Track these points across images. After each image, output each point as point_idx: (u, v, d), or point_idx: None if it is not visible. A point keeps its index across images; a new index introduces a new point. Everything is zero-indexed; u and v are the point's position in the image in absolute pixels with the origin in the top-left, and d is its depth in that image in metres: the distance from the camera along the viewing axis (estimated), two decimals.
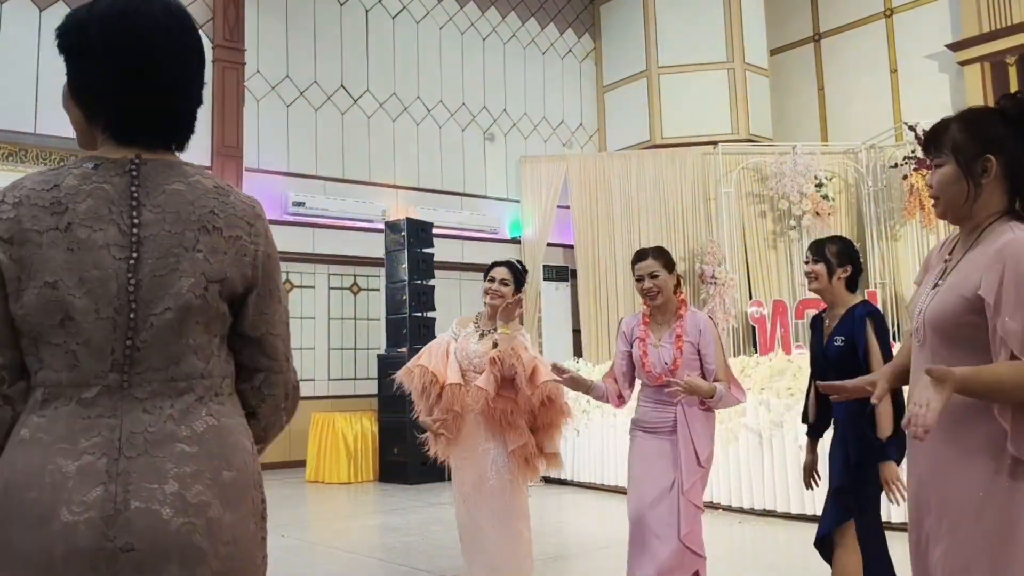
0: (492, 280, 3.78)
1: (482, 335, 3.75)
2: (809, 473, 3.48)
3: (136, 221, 1.28)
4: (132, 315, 1.26)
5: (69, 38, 1.33)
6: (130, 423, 1.24)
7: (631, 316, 3.72)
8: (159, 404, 1.27)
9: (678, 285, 3.59)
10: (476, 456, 3.66)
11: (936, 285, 1.93)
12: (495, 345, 3.66)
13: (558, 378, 3.42)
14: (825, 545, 3.31)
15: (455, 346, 3.77)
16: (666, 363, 3.44)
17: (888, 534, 3.31)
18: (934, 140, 1.93)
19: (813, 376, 3.43)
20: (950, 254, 1.97)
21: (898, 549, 3.15)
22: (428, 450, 3.82)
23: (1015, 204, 1.89)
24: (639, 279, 3.54)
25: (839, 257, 3.34)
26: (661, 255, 3.53)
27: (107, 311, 1.25)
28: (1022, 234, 1.79)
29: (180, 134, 1.39)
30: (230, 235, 1.33)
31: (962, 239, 1.95)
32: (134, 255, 1.27)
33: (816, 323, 3.48)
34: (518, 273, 3.84)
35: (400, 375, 3.84)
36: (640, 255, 3.57)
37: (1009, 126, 1.87)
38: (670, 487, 3.38)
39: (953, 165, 1.88)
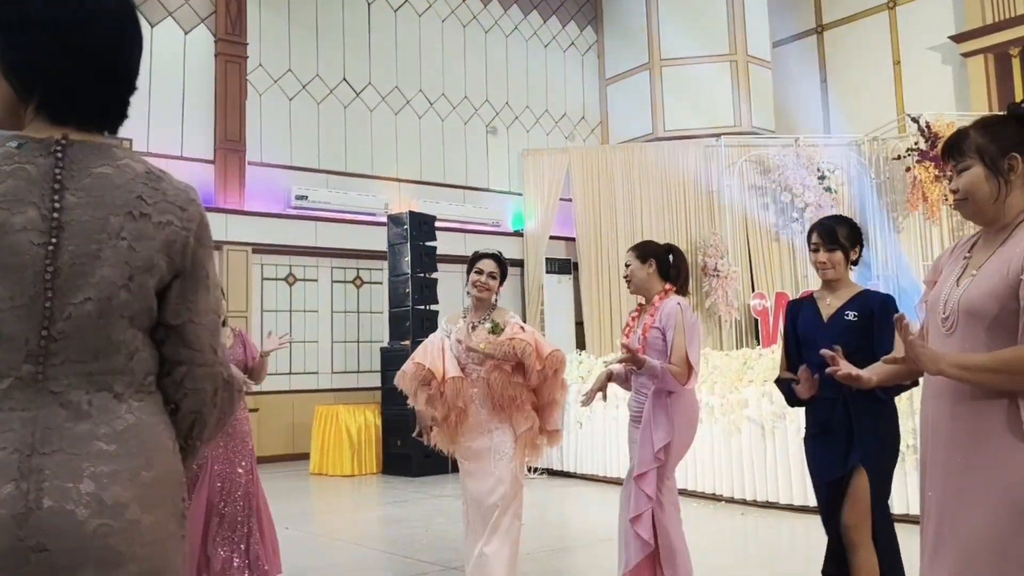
0: (480, 272, 3.79)
1: (473, 327, 3.77)
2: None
3: (57, 205, 1.21)
4: (48, 304, 1.19)
5: (3, 10, 1.26)
6: (45, 418, 1.18)
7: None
8: (76, 399, 1.20)
9: (671, 276, 3.67)
10: (481, 445, 3.69)
11: (961, 278, 1.96)
12: (493, 329, 3.70)
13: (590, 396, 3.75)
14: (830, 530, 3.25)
15: (449, 342, 3.78)
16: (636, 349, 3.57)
17: (902, 527, 3.28)
18: (956, 147, 2.00)
19: (795, 360, 3.20)
20: (970, 251, 2.01)
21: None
22: (428, 441, 3.83)
23: None
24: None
25: (850, 240, 3.30)
26: (638, 247, 3.77)
27: (22, 299, 1.18)
28: None
29: (114, 118, 1.34)
30: (159, 221, 1.27)
31: (987, 236, 2.00)
32: (53, 240, 1.20)
33: (802, 305, 3.36)
34: (504, 267, 3.88)
35: (397, 379, 3.83)
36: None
37: (1023, 130, 1.94)
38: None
39: (980, 166, 1.94)
